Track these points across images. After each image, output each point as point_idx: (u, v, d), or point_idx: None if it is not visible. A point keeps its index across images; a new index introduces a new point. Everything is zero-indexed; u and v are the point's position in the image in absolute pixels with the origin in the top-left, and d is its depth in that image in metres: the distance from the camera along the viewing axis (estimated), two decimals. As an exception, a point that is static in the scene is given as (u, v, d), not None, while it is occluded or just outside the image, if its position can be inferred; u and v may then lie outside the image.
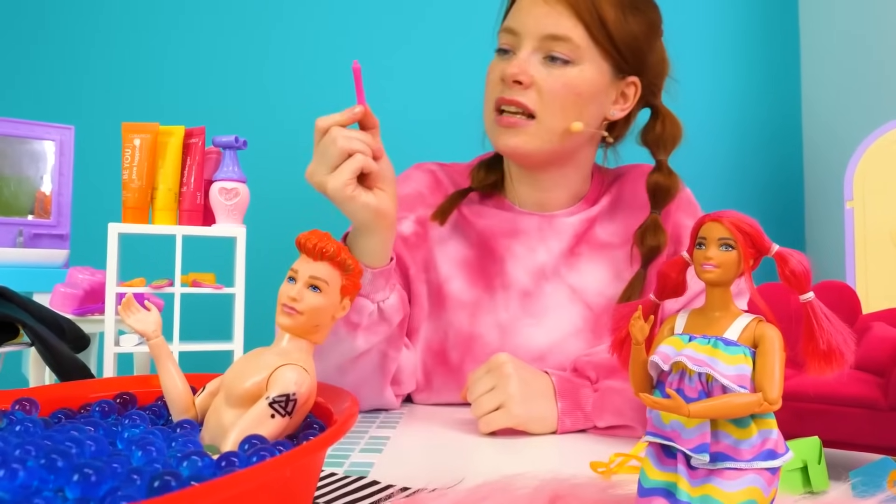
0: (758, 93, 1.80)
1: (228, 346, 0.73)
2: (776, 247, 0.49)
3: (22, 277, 0.87)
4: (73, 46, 1.72)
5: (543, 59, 0.97)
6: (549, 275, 1.04)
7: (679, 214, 1.04)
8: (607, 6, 0.96)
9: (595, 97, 0.99)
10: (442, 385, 1.04)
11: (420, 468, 0.69)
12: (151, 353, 0.50)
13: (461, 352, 1.02)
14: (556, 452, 0.78)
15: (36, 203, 0.93)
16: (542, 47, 0.96)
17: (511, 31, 0.99)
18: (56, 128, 0.91)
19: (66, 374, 0.68)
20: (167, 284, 0.72)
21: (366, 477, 0.63)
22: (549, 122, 0.97)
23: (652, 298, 0.54)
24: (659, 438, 0.49)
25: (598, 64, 0.98)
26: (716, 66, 1.81)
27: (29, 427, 0.43)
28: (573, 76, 0.96)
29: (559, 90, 0.96)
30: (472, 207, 1.08)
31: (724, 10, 1.81)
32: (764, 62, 1.81)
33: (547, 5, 0.96)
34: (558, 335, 1.01)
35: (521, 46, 0.97)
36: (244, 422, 0.43)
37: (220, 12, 1.75)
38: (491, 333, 1.02)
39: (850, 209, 0.95)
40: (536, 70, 0.96)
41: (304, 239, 0.46)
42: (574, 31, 0.95)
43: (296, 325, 0.46)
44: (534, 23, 0.96)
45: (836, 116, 1.66)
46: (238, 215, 0.74)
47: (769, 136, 1.80)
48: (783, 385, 0.46)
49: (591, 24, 0.96)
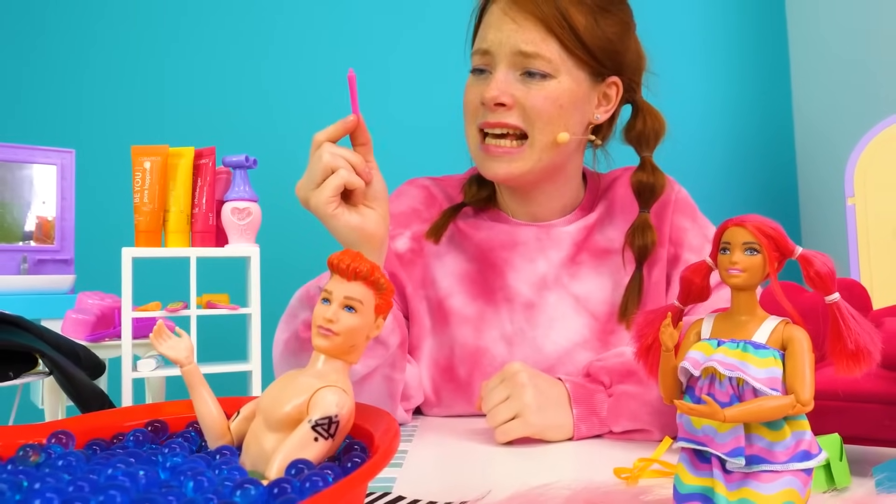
0: (749, 94, 1.82)
1: (246, 366, 0.73)
2: (800, 249, 0.49)
3: (29, 305, 0.86)
4: (76, 70, 1.72)
5: (521, 76, 0.96)
6: (551, 285, 1.03)
7: (677, 216, 1.05)
8: (577, 14, 0.95)
9: (577, 105, 0.99)
10: (452, 400, 1.03)
11: (442, 481, 0.69)
12: (185, 379, 0.49)
13: (469, 366, 1.02)
14: (576, 460, 0.78)
15: (36, 229, 0.92)
16: (518, 64, 0.96)
17: (484, 52, 0.98)
18: (56, 152, 0.91)
19: (85, 402, 0.67)
20: (182, 307, 0.71)
21: (390, 493, 0.63)
22: (539, 140, 0.97)
23: (676, 304, 0.55)
24: (692, 444, 0.49)
25: (574, 73, 0.97)
26: (708, 67, 1.83)
27: (72, 462, 0.43)
28: (553, 89, 0.96)
29: (542, 105, 0.95)
30: (467, 221, 1.08)
31: (714, 14, 1.83)
32: (754, 63, 1.83)
33: (515, 22, 0.95)
34: (565, 345, 1.01)
35: (496, 66, 0.97)
36: (287, 446, 0.43)
37: (225, 32, 1.76)
38: (497, 346, 1.02)
39: (851, 206, 0.96)
40: (516, 88, 0.96)
41: (338, 259, 0.46)
42: (546, 45, 0.95)
43: (332, 346, 0.46)
44: (505, 40, 0.95)
45: (827, 115, 1.68)
46: (251, 235, 0.74)
47: (762, 137, 1.82)
48: (814, 386, 0.46)
49: (563, 36, 0.95)
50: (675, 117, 1.81)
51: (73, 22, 1.71)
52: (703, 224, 1.06)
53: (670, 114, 1.80)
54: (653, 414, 0.83)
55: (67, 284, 0.90)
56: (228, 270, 0.76)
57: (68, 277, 0.90)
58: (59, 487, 0.37)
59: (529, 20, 0.94)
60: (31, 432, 0.50)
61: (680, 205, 1.06)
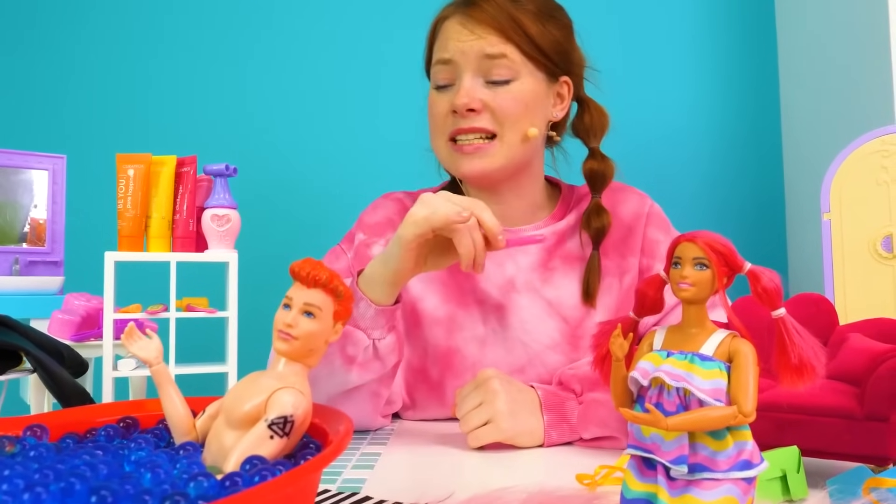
0: (737, 106, 1.84)
1: (223, 368, 0.75)
2: (749, 265, 0.51)
3: (19, 304, 0.88)
4: (64, 79, 1.78)
5: (486, 83, 1.01)
6: (522, 288, 1.06)
7: (650, 229, 1.09)
8: (528, 21, 1.02)
9: (540, 104, 1.05)
10: (425, 402, 1.06)
11: (411, 483, 0.72)
12: (154, 378, 0.52)
13: (441, 368, 1.05)
14: (543, 465, 0.80)
15: (30, 231, 0.94)
16: (482, 70, 1.01)
17: (447, 62, 1.03)
18: (48, 157, 0.93)
19: (66, 399, 0.69)
20: (162, 310, 0.74)
21: (358, 493, 0.65)
22: (510, 138, 1.02)
23: (631, 315, 0.57)
24: (640, 451, 0.51)
25: (535, 74, 1.03)
26: (697, 78, 1.84)
27: (42, 452, 0.45)
28: (518, 90, 1.02)
29: (510, 106, 1.01)
30: None
31: (701, 23, 1.85)
32: (742, 75, 1.85)
33: (474, 33, 1.01)
34: (536, 348, 1.04)
35: (461, 75, 1.02)
36: (244, 443, 0.45)
37: (208, 44, 1.80)
38: (469, 347, 1.05)
39: (826, 221, 0.98)
40: (483, 94, 1.01)
41: (298, 267, 0.49)
42: (507, 49, 1.01)
43: (291, 349, 0.48)
44: (468, 49, 1.01)
45: (814, 129, 1.69)
46: (230, 241, 0.77)
47: (748, 150, 1.83)
48: (756, 398, 0.48)
49: (520, 42, 1.01)
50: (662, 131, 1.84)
51: (61, 34, 1.79)
52: (675, 237, 1.08)
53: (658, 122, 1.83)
54: (620, 421, 0.85)
55: (56, 285, 0.92)
56: (209, 274, 0.79)
57: (57, 279, 0.92)
58: (26, 474, 0.39)
59: (487, 30, 1.00)
60: (9, 425, 0.52)
61: (653, 218, 1.10)
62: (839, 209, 0.97)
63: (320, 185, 1.69)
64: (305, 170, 1.70)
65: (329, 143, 1.77)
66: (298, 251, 1.37)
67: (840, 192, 0.97)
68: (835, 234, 0.97)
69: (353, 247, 1.10)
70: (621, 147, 1.81)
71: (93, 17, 1.80)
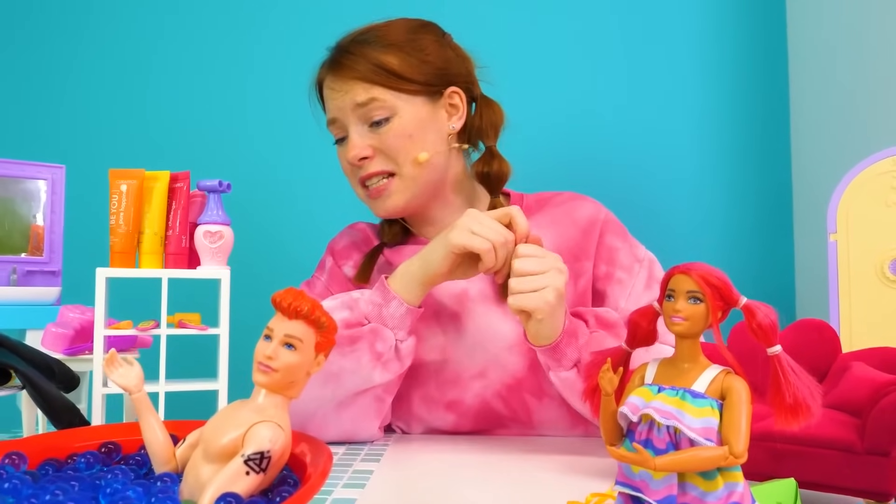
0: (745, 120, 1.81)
1: (213, 385, 0.75)
2: (744, 299, 0.50)
3: (15, 315, 0.88)
4: (61, 94, 1.80)
5: (370, 128, 1.05)
6: (475, 297, 1.08)
7: (607, 236, 1.12)
8: (389, 57, 1.05)
9: (427, 127, 1.07)
10: (395, 413, 1.10)
11: (401, 502, 0.70)
12: (135, 406, 0.51)
13: (407, 379, 1.06)
14: (534, 489, 0.79)
15: (31, 240, 0.94)
16: (362, 117, 1.05)
17: (333, 121, 1.09)
18: (47, 167, 0.94)
19: (56, 415, 0.69)
20: (154, 326, 0.73)
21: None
22: (405, 171, 1.06)
23: (623, 347, 0.55)
24: (628, 489, 0.50)
25: (411, 103, 1.06)
26: (705, 90, 1.82)
27: (17, 485, 0.44)
28: (398, 126, 1.04)
29: (395, 143, 1.04)
30: (392, 249, 1.16)
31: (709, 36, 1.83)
32: (751, 88, 1.82)
33: (341, 90, 1.05)
34: (496, 351, 1.06)
35: (347, 128, 1.07)
36: (220, 479, 0.45)
37: (204, 59, 1.82)
38: (431, 355, 1.07)
39: (833, 242, 0.96)
40: (370, 139, 1.05)
41: (280, 298, 0.48)
42: (374, 91, 1.04)
43: (271, 382, 0.48)
44: (342, 104, 1.06)
45: (825, 146, 1.66)
46: (222, 257, 0.76)
47: (757, 167, 1.80)
48: (749, 438, 0.47)
49: (384, 82, 1.04)
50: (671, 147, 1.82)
51: (59, 47, 1.82)
52: (633, 244, 1.13)
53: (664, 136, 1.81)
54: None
55: (53, 296, 0.92)
56: (201, 290, 0.78)
57: (54, 290, 0.92)
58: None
59: (350, 82, 1.05)
60: (-11, 450, 0.52)
61: (609, 225, 1.13)
62: (846, 230, 0.95)
63: (314, 202, 1.70)
64: (299, 187, 1.71)
65: (323, 161, 1.76)
66: (291, 268, 1.39)
67: (847, 212, 0.95)
68: (841, 255, 0.95)
69: (326, 272, 1.16)
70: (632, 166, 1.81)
71: (91, 30, 1.83)
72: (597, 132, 1.79)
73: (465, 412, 1.07)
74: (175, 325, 0.74)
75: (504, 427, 1.09)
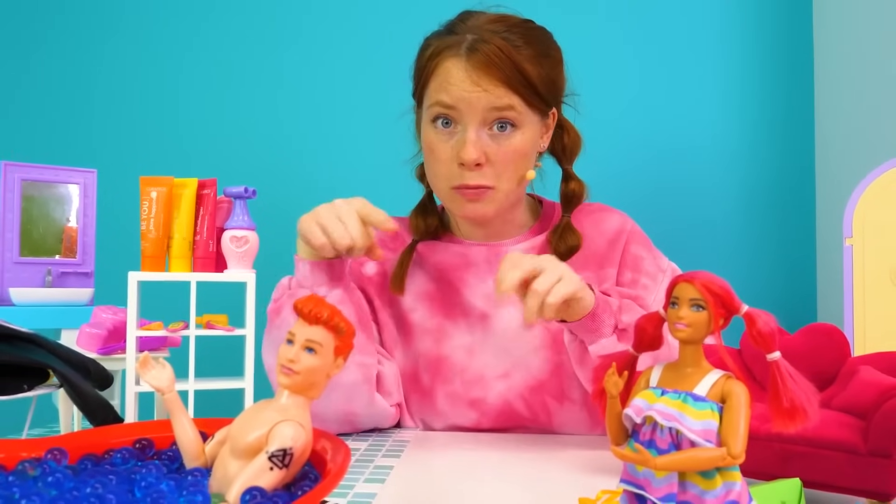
0: (769, 125, 1.81)
1: (240, 383, 0.78)
2: (745, 307, 0.52)
3: (51, 315, 0.92)
4: (93, 101, 1.87)
5: (490, 131, 1.03)
6: (504, 300, 1.09)
7: (633, 245, 1.14)
8: (530, 66, 1.01)
9: (534, 147, 1.08)
10: (418, 407, 1.13)
11: (420, 498, 0.73)
12: (167, 406, 0.54)
13: (431, 374, 1.10)
14: (549, 486, 0.81)
15: (64, 242, 0.99)
16: (487, 120, 1.02)
17: (449, 107, 1.03)
18: (80, 171, 0.98)
19: (91, 412, 0.73)
20: (183, 327, 0.77)
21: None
22: (506, 187, 1.05)
23: (630, 351, 0.58)
24: (632, 486, 0.52)
25: (532, 120, 1.05)
26: (727, 92, 1.82)
27: (59, 478, 0.48)
28: (519, 142, 1.04)
29: (510, 158, 1.04)
30: (426, 244, 1.16)
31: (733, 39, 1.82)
32: (775, 91, 1.81)
33: (480, 86, 1.00)
34: (520, 353, 1.09)
35: (465, 125, 1.02)
36: (246, 474, 0.48)
37: (230, 73, 1.88)
38: (457, 354, 1.10)
39: (849, 246, 0.97)
40: (487, 146, 1.02)
41: (301, 305, 0.51)
42: (514, 101, 1.01)
43: (293, 383, 0.51)
44: (475, 102, 1.00)
45: (848, 150, 1.65)
46: (248, 261, 0.79)
47: (780, 172, 1.80)
48: (746, 440, 0.49)
49: (525, 92, 1.01)
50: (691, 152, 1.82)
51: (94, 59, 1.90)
52: (656, 255, 1.15)
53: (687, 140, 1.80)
54: None
55: (87, 297, 0.96)
56: (230, 292, 0.81)
57: (88, 290, 0.96)
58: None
59: (494, 82, 1.00)
60: (33, 446, 0.56)
61: (635, 236, 1.15)
62: (862, 235, 0.96)
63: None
64: (322, 193, 1.69)
65: (346, 167, 1.82)
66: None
67: (864, 217, 0.96)
68: (856, 259, 0.96)
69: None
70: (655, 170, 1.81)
71: (124, 43, 1.90)
72: (618, 136, 1.80)
73: (487, 411, 1.09)
74: (203, 326, 0.78)
75: (524, 428, 1.11)
